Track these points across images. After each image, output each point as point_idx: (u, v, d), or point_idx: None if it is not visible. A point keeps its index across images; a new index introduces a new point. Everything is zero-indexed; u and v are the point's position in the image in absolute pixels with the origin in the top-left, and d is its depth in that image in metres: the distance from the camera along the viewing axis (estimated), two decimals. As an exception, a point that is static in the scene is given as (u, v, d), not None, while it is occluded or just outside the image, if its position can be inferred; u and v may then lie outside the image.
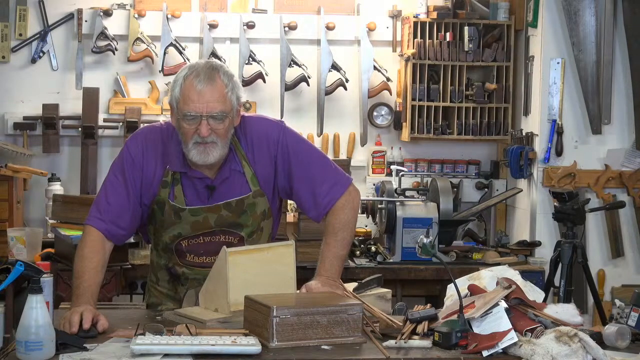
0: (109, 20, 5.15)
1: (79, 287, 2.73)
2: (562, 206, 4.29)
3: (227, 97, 2.78)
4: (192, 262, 2.97)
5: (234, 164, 2.90)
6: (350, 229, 2.94)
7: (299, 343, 2.44)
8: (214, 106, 2.75)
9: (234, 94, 2.81)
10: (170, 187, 2.89)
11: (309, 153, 2.97)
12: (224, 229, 2.93)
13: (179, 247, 2.96)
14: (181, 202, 2.89)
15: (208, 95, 2.75)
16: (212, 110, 2.75)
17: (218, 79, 2.78)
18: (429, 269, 4.69)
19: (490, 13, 5.21)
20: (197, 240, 2.94)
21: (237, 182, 2.91)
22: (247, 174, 2.91)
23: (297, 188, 2.94)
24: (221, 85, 2.78)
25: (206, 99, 2.75)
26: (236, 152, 2.90)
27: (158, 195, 2.90)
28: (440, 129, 5.18)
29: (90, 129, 5.11)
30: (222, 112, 2.77)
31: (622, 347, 2.54)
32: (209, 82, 2.75)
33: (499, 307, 2.51)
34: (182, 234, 2.93)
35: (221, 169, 2.89)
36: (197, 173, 2.88)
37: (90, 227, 2.86)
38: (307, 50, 5.26)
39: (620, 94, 4.91)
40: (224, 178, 2.90)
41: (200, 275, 2.92)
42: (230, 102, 2.79)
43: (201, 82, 2.75)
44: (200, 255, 2.96)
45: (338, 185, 2.94)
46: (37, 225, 4.95)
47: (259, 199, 2.93)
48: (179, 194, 2.89)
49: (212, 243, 2.93)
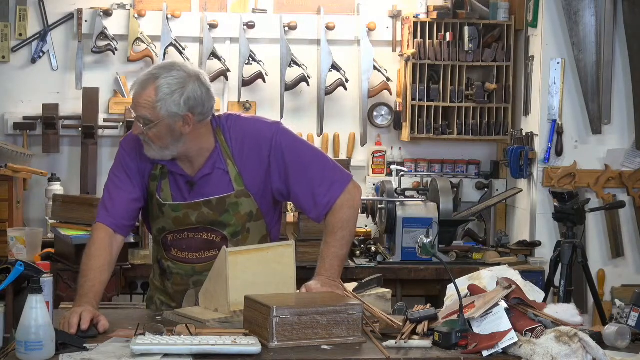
0: (109, 20, 5.15)
1: (83, 287, 2.76)
2: (562, 206, 4.29)
3: (154, 106, 2.79)
4: (175, 256, 3.00)
5: (218, 162, 2.91)
6: (350, 227, 2.92)
7: (299, 343, 2.44)
8: (139, 110, 2.82)
9: (166, 105, 2.79)
10: (159, 181, 2.94)
11: (306, 153, 2.96)
12: (207, 226, 2.94)
13: (165, 241, 3.00)
14: (167, 196, 2.94)
15: (136, 99, 2.83)
16: (138, 113, 2.82)
17: (150, 87, 2.80)
18: (429, 269, 4.69)
19: (490, 13, 5.21)
20: (182, 236, 2.97)
21: (219, 180, 2.92)
22: (231, 172, 2.92)
23: (295, 190, 2.94)
24: (150, 94, 2.79)
25: (136, 101, 2.83)
26: (222, 151, 2.92)
27: (149, 188, 2.97)
28: (440, 129, 5.18)
29: (90, 129, 5.11)
30: (146, 118, 2.81)
31: (622, 347, 2.54)
32: (140, 87, 2.83)
33: (499, 307, 2.51)
34: (167, 228, 2.97)
35: (203, 166, 2.91)
36: (179, 169, 2.92)
37: (98, 223, 2.92)
38: (307, 50, 5.26)
39: (620, 94, 4.91)
40: (205, 175, 2.91)
41: (183, 271, 2.96)
42: (157, 112, 2.79)
43: (135, 86, 2.85)
44: (183, 251, 2.98)
45: (337, 184, 2.93)
46: (37, 225, 4.96)
47: (243, 199, 2.93)
48: (165, 188, 2.94)
49: (195, 239, 2.95)
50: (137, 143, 2.94)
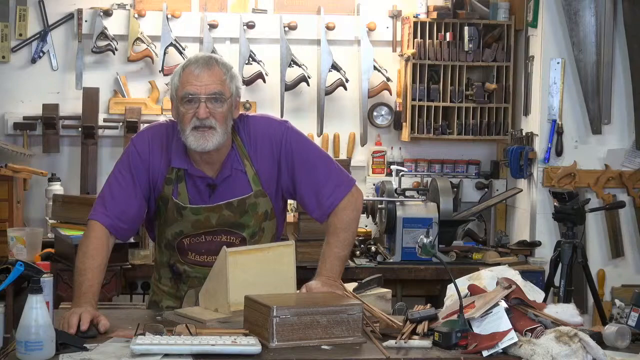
0: (109, 20, 5.15)
1: (81, 287, 2.72)
2: (562, 206, 4.28)
3: (225, 82, 2.82)
4: (193, 260, 2.97)
5: (236, 163, 2.90)
6: (352, 229, 2.94)
7: (299, 343, 2.44)
8: (212, 87, 2.79)
9: (232, 83, 2.85)
10: (174, 185, 2.90)
11: (313, 153, 2.98)
12: (226, 228, 2.93)
13: (181, 245, 2.96)
14: (185, 199, 2.90)
15: (206, 78, 2.79)
16: (210, 91, 2.78)
17: (216, 66, 2.83)
18: (429, 269, 4.69)
19: (490, 13, 5.21)
20: (199, 239, 2.95)
21: (238, 182, 2.91)
22: (248, 173, 2.92)
23: (300, 188, 2.95)
24: (219, 71, 2.82)
25: (204, 81, 2.79)
26: (238, 151, 2.91)
27: (162, 192, 2.91)
28: (440, 129, 5.18)
29: (90, 129, 5.11)
30: (220, 93, 2.79)
31: (622, 347, 2.54)
32: (206, 67, 2.81)
33: (499, 307, 2.51)
34: (184, 232, 2.94)
35: (222, 168, 2.89)
36: (198, 172, 2.89)
37: (95, 222, 2.85)
38: (307, 50, 5.27)
39: (620, 94, 4.91)
40: (225, 177, 2.90)
41: (201, 274, 2.93)
42: (228, 88, 2.83)
43: (199, 67, 2.80)
44: (201, 254, 2.96)
45: (341, 186, 2.95)
46: (37, 225, 4.95)
47: (260, 199, 2.94)
48: (182, 192, 2.90)
49: (214, 242, 2.93)
50: (152, 144, 2.90)
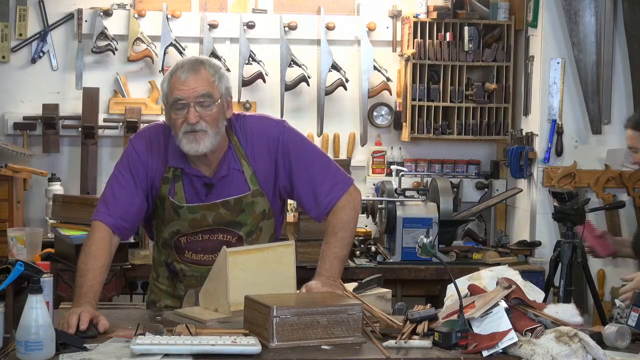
0: (109, 20, 5.15)
1: (82, 287, 2.73)
2: (562, 206, 4.28)
3: (213, 83, 2.83)
4: (190, 259, 2.98)
5: (233, 163, 2.91)
6: (350, 229, 2.95)
7: (299, 343, 2.44)
8: (200, 89, 2.80)
9: (221, 83, 2.85)
10: (171, 184, 2.92)
11: (310, 152, 2.99)
12: (223, 227, 2.94)
13: (178, 244, 2.98)
14: (181, 198, 2.91)
15: (193, 82, 2.80)
16: (198, 94, 2.79)
17: (203, 69, 2.83)
18: (429, 269, 4.69)
19: (490, 13, 5.21)
20: (196, 238, 2.96)
21: (235, 181, 2.92)
22: (246, 172, 2.92)
23: (298, 187, 2.95)
24: (206, 73, 2.83)
25: (191, 85, 2.80)
26: (235, 151, 2.92)
27: (160, 191, 2.93)
28: (440, 129, 5.18)
29: (90, 129, 5.11)
30: (209, 95, 2.80)
31: (622, 347, 2.54)
32: (192, 70, 2.81)
33: (499, 307, 2.51)
34: (181, 230, 2.95)
35: (219, 167, 2.90)
36: (195, 171, 2.90)
37: (98, 222, 2.87)
38: (307, 50, 5.26)
39: (620, 94, 4.90)
40: (222, 176, 2.91)
41: (198, 273, 2.95)
42: (217, 89, 2.83)
43: (185, 72, 2.81)
44: (198, 253, 2.97)
45: (339, 185, 2.95)
46: (37, 225, 4.95)
47: (258, 198, 2.94)
48: (179, 191, 2.92)
49: (211, 241, 2.95)
50: (150, 144, 2.92)
